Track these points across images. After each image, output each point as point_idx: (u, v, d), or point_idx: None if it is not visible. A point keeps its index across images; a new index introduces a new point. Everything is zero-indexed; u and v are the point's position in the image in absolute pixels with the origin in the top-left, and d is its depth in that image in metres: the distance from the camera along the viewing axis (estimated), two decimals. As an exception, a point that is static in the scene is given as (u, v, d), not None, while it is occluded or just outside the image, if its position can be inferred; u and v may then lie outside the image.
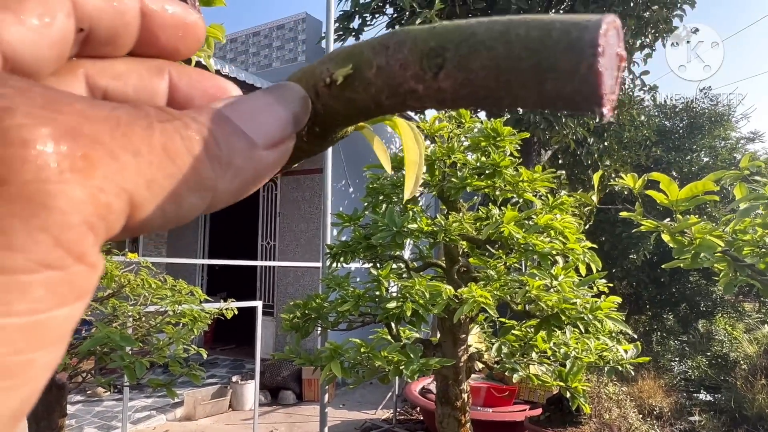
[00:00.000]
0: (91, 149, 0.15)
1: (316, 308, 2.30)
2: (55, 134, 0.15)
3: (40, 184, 0.14)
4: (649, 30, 6.94)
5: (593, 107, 0.19)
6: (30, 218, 0.14)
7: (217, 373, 7.18)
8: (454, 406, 2.34)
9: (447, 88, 0.21)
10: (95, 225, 0.15)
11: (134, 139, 0.17)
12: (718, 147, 10.89)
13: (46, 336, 0.15)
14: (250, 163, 0.21)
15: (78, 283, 0.15)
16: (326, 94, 0.23)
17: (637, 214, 1.36)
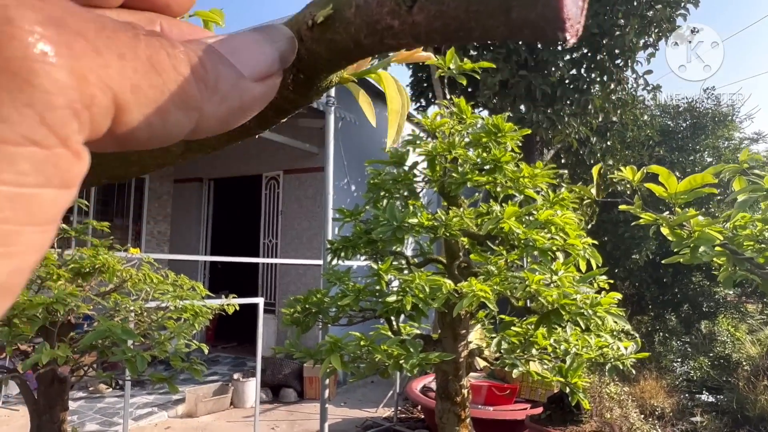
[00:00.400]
0: (75, 40, 0.16)
1: (316, 303, 2.30)
2: (40, 19, 0.15)
3: (26, 61, 0.15)
4: (652, 29, 6.93)
5: (557, 32, 0.19)
6: (15, 92, 0.14)
7: (219, 371, 7.19)
8: (454, 402, 2.35)
9: (421, 22, 0.21)
10: (79, 112, 0.16)
11: (119, 43, 0.17)
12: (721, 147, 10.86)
13: (32, 213, 0.15)
14: (237, 92, 0.21)
15: (62, 167, 0.16)
16: (309, 38, 0.24)
17: (636, 207, 1.36)
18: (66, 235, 2.94)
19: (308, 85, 0.26)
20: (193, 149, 0.26)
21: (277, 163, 8.29)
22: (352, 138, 7.83)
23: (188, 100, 0.19)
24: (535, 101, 6.79)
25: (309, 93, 0.26)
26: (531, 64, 7.00)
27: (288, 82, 0.25)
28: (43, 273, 2.66)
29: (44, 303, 2.34)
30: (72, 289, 2.57)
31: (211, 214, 9.50)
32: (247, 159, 8.70)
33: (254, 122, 0.26)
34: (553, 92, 6.73)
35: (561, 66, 6.73)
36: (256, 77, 0.22)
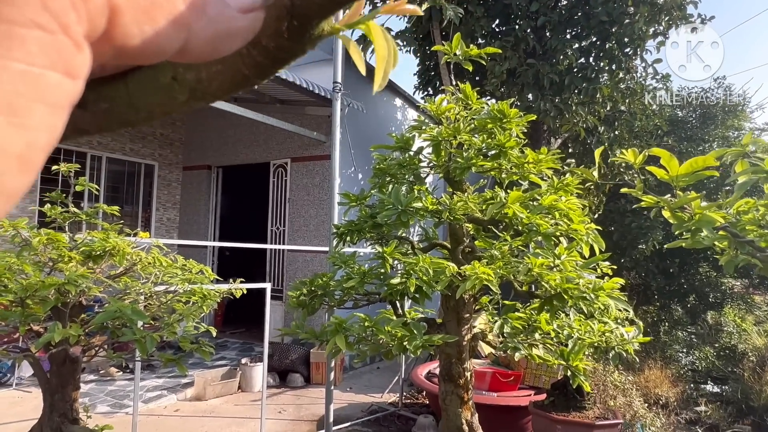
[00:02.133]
0: None
1: (322, 285, 2.34)
2: None
3: None
4: (662, 17, 6.85)
5: None
6: None
7: (227, 356, 7.29)
8: (457, 384, 2.38)
9: None
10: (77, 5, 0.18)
11: None
12: (731, 138, 10.76)
13: (41, 91, 0.17)
14: (223, 19, 0.23)
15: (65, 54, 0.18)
16: None
17: (637, 190, 1.38)
18: (77, 218, 2.99)
19: (302, 32, 0.27)
20: (197, 96, 0.28)
21: (285, 151, 8.32)
22: (359, 126, 7.83)
23: (178, 16, 0.21)
24: (542, 90, 6.75)
25: (303, 40, 0.27)
26: (539, 53, 6.96)
27: (283, 30, 0.26)
28: (55, 255, 2.71)
29: (56, 284, 2.39)
30: (83, 271, 2.63)
31: (219, 201, 9.56)
32: (255, 147, 8.73)
33: (252, 71, 0.28)
34: (561, 81, 6.69)
35: (569, 54, 6.69)
36: (241, 8, 0.24)
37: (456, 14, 6.08)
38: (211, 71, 0.27)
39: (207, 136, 9.45)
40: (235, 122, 8.67)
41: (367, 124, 8.18)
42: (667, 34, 7.24)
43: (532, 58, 6.87)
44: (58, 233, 2.71)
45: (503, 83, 6.88)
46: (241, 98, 7.77)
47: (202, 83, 0.27)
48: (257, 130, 8.53)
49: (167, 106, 0.27)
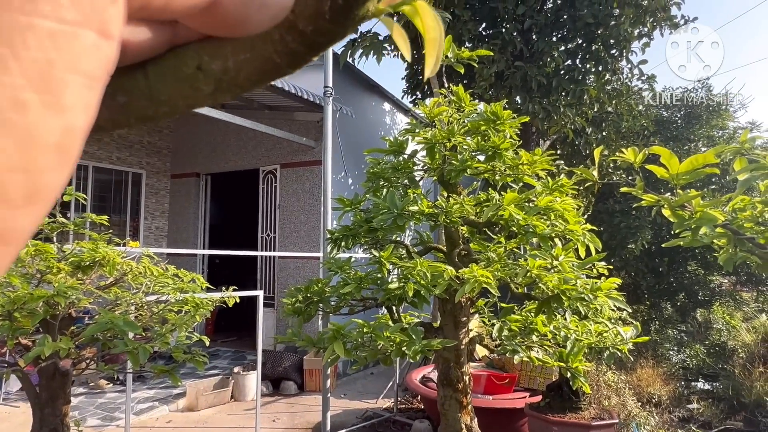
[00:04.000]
0: None
1: (318, 292, 2.31)
2: None
3: None
4: (647, 18, 6.93)
5: None
6: None
7: (219, 365, 7.20)
8: (456, 388, 2.36)
9: None
10: None
11: None
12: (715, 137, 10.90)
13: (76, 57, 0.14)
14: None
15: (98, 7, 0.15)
16: None
17: (637, 189, 1.37)
18: (65, 228, 2.93)
19: (347, 13, 0.24)
20: (223, 88, 0.25)
21: (274, 157, 8.28)
22: (348, 131, 7.82)
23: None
24: (530, 92, 6.79)
25: (346, 22, 0.25)
26: (526, 55, 7.00)
27: (325, 11, 0.24)
28: (43, 267, 2.65)
29: (45, 296, 2.33)
30: (72, 282, 2.57)
31: (208, 209, 9.48)
32: (244, 153, 8.68)
33: (285, 60, 0.25)
34: (549, 83, 6.73)
35: (556, 56, 6.73)
36: None
37: (444, 18, 6.10)
38: (238, 59, 0.25)
39: (195, 143, 9.38)
40: (224, 129, 8.61)
41: (357, 128, 8.17)
42: (652, 36, 7.32)
43: (520, 60, 6.91)
44: (45, 244, 2.65)
45: (491, 86, 6.91)
46: (229, 105, 7.72)
47: (229, 73, 0.25)
48: (246, 136, 8.48)
49: (191, 98, 0.25)
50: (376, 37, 6.78)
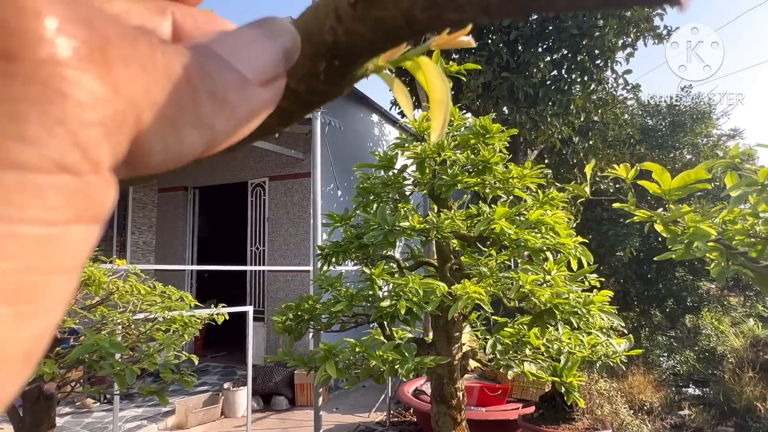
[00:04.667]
0: (106, 45, 0.14)
1: (308, 310, 2.28)
2: (70, 16, 0.13)
3: (57, 66, 0.12)
4: (630, 29, 7.03)
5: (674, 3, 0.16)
6: (46, 105, 0.12)
7: (209, 381, 7.10)
8: (450, 405, 2.34)
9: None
10: (111, 132, 0.14)
11: (141, 51, 0.15)
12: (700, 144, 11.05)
13: (62, 257, 0.13)
14: (244, 101, 0.19)
15: (95, 198, 0.13)
16: (350, 16, 0.21)
17: (630, 205, 1.37)
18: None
19: (343, 74, 0.23)
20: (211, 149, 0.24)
21: (262, 169, 8.25)
22: (337, 143, 7.81)
23: (202, 118, 0.18)
24: (517, 102, 6.84)
25: (342, 83, 0.23)
26: (513, 66, 7.06)
27: (320, 71, 0.22)
28: (27, 287, 2.59)
29: (29, 318, 2.28)
30: (57, 303, 2.52)
31: (196, 222, 9.39)
32: (232, 166, 8.63)
33: (277, 119, 0.24)
34: (536, 93, 6.78)
35: (542, 67, 6.80)
36: (262, 80, 0.20)
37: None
38: None
39: (182, 156, 9.30)
40: (211, 142, 8.56)
41: (345, 140, 8.16)
42: (636, 46, 7.42)
43: (506, 71, 6.96)
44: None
45: (479, 97, 6.95)
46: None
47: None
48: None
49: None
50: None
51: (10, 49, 0.12)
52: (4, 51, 0.12)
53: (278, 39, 0.21)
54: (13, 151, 0.12)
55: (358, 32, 0.21)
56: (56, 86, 0.12)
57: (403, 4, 0.20)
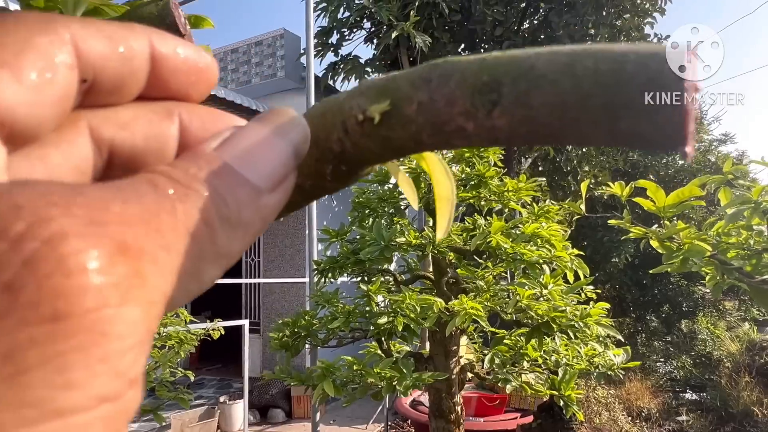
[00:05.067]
0: (140, 261, 0.14)
1: (305, 326, 2.27)
2: (110, 253, 0.14)
3: (101, 311, 0.13)
4: (622, 38, 7.10)
5: (677, 146, 0.17)
6: (90, 349, 0.13)
7: (204, 394, 7.05)
8: (448, 420, 2.33)
9: (502, 126, 0.19)
10: (145, 342, 0.14)
11: (165, 231, 0.16)
12: (692, 150, 11.12)
13: None
14: (257, 214, 0.19)
15: (130, 409, 0.14)
16: (358, 132, 0.21)
17: (625, 222, 1.37)
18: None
19: (349, 176, 0.23)
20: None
21: (256, 180, 8.24)
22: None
23: (219, 251, 0.18)
24: (511, 111, 6.87)
25: (348, 181, 0.24)
26: (506, 75, 7.10)
27: (326, 173, 0.22)
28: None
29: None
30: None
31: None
32: (225, 177, 8.61)
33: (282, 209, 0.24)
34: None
35: (535, 75, 6.84)
36: (273, 185, 0.20)
37: (424, 42, 6.17)
38: None
39: (176, 168, 9.29)
40: (205, 153, 8.55)
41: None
42: (627, 54, 7.49)
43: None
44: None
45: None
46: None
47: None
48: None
49: None
50: (357, 60, 6.83)
51: (58, 310, 0.12)
52: (53, 314, 0.12)
53: (288, 136, 0.21)
54: (60, 400, 0.12)
55: (366, 146, 0.21)
56: (99, 330, 0.13)
57: (411, 128, 0.20)
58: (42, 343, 0.12)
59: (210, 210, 0.17)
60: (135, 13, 0.31)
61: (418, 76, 0.20)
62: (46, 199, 0.14)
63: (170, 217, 0.16)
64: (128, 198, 0.16)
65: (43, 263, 0.12)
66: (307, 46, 4.47)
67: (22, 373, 0.12)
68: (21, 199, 0.13)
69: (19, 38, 0.17)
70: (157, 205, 0.16)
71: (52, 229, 0.13)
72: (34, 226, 0.13)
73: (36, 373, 0.12)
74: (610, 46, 0.18)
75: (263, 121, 0.21)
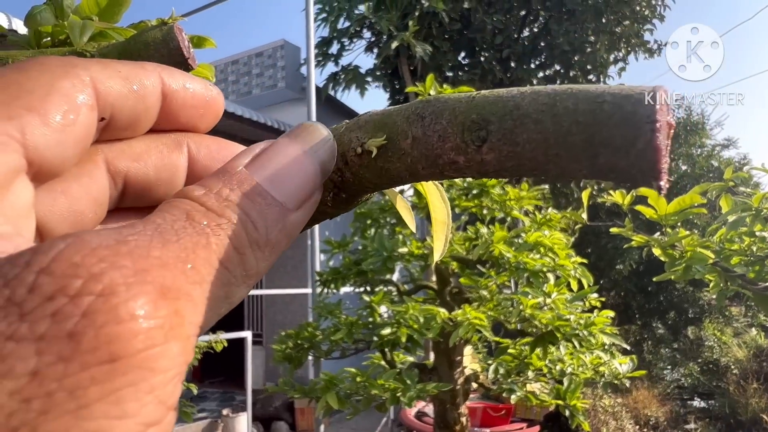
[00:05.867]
0: (178, 303, 0.16)
1: (308, 338, 2.26)
2: (154, 299, 0.16)
3: (148, 351, 0.15)
4: (621, 44, 7.13)
5: (650, 181, 0.18)
6: (140, 384, 0.15)
7: (207, 407, 7.01)
8: (454, 431, 2.31)
9: (491, 161, 0.20)
10: (183, 372, 0.16)
11: (199, 267, 0.17)
12: (694, 155, 11.12)
13: None
14: (284, 232, 0.20)
15: (169, 430, 0.16)
16: (357, 164, 0.22)
17: (627, 230, 1.37)
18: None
19: (349, 203, 0.25)
20: None
21: (258, 191, 8.26)
22: (333, 163, 7.84)
23: (249, 272, 0.19)
24: (512, 119, 6.89)
25: (348, 207, 0.25)
26: (506, 83, 7.13)
27: (327, 199, 0.24)
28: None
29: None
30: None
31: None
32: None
33: None
34: (530, 109, 6.84)
35: (535, 83, 6.87)
36: (299, 204, 0.21)
37: (425, 51, 6.20)
38: None
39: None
40: (207, 165, 8.58)
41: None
42: (627, 60, 7.52)
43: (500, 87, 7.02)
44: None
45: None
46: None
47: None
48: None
49: None
50: (357, 70, 6.86)
51: (113, 352, 0.14)
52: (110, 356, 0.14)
53: (317, 153, 0.22)
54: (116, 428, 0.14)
55: (365, 177, 0.23)
56: (147, 366, 0.15)
57: (406, 161, 0.22)
58: (101, 381, 0.14)
59: (241, 236, 0.19)
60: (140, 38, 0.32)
61: (413, 112, 0.22)
62: (97, 255, 0.15)
63: (205, 251, 0.18)
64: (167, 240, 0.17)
65: (98, 314, 0.14)
66: (308, 57, 4.50)
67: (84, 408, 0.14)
68: (77, 257, 0.15)
69: (44, 83, 0.18)
70: (194, 242, 0.18)
71: (104, 283, 0.15)
72: (89, 281, 0.15)
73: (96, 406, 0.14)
74: (589, 87, 0.19)
75: (293, 138, 0.22)
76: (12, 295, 0.14)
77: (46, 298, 0.14)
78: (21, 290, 0.14)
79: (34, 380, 0.14)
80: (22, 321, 0.14)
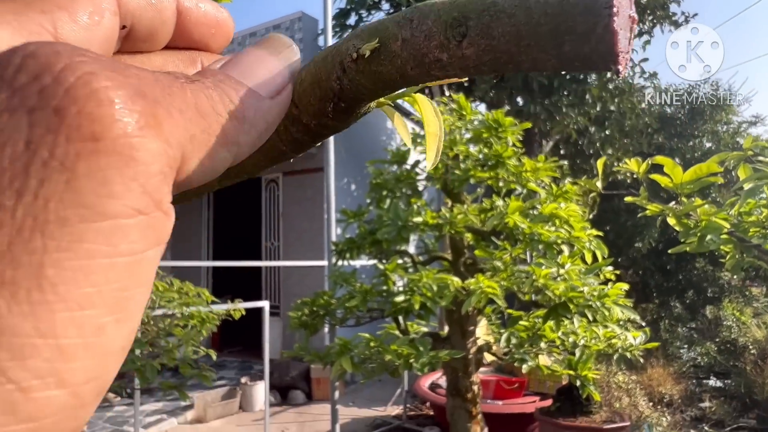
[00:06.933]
0: (156, 108, 0.18)
1: (323, 305, 2.30)
2: (131, 95, 0.17)
3: (128, 138, 0.16)
4: (646, 17, 6.92)
5: (609, 65, 0.20)
6: (123, 168, 0.16)
7: (226, 375, 7.20)
8: (465, 398, 2.35)
9: (470, 55, 0.22)
10: (167, 174, 0.18)
11: (176, 98, 0.19)
12: (720, 132, 10.83)
13: (141, 275, 0.17)
14: (260, 114, 0.23)
15: (158, 228, 0.18)
16: (353, 69, 0.24)
17: (641, 199, 1.36)
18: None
19: (348, 113, 0.26)
20: (231, 176, 0.28)
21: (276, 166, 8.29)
22: (350, 136, 7.82)
23: (228, 137, 0.21)
24: (532, 93, 6.78)
25: (348, 119, 0.27)
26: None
27: (328, 110, 0.25)
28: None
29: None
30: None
31: (211, 218, 9.49)
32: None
33: (290, 147, 0.27)
34: (550, 83, 6.72)
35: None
36: (272, 93, 0.23)
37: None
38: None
39: (198, 153, 9.39)
40: (226, 139, 8.63)
41: (358, 133, 8.17)
42: (653, 33, 7.30)
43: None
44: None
45: (492, 88, 6.91)
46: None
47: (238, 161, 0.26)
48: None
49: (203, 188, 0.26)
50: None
51: (95, 132, 0.16)
52: (91, 134, 0.16)
53: (281, 54, 0.25)
54: (105, 205, 0.16)
55: (360, 82, 0.24)
56: (128, 154, 0.16)
57: (397, 62, 0.23)
58: (86, 157, 0.15)
59: (216, 101, 0.21)
60: None
61: (402, 16, 0.24)
62: (78, 51, 0.17)
63: (180, 90, 0.20)
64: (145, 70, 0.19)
65: (80, 93, 0.16)
66: (325, 27, 4.47)
67: (73, 180, 0.15)
68: (60, 47, 0.16)
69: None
70: (169, 79, 0.20)
71: (84, 69, 0.16)
72: (69, 67, 0.16)
73: (85, 182, 0.15)
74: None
75: (260, 44, 0.25)
76: (3, 73, 0.16)
77: (33, 76, 0.16)
78: (10, 70, 0.16)
79: (28, 149, 0.15)
80: (14, 96, 0.15)
